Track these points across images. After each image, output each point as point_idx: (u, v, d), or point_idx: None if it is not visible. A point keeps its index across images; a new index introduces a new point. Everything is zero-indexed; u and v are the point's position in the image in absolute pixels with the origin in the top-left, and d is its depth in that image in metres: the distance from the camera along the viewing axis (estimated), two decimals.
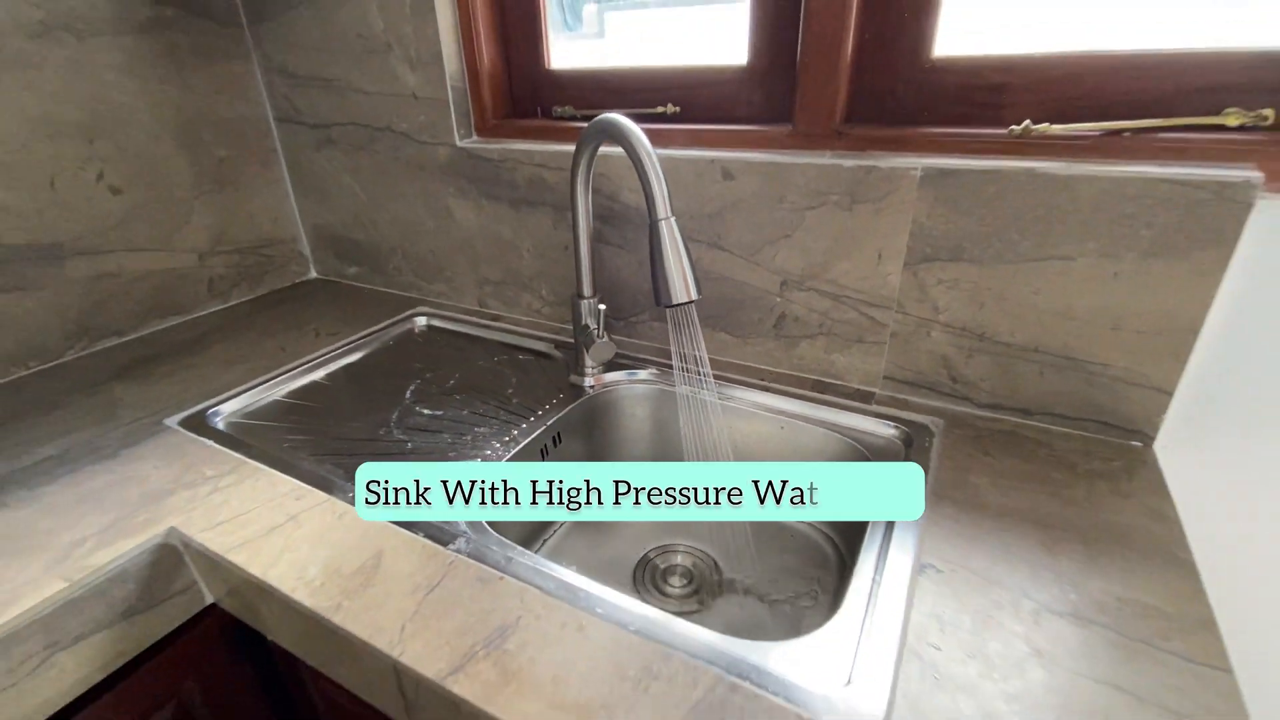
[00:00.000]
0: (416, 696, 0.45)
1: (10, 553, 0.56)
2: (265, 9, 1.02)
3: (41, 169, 0.86)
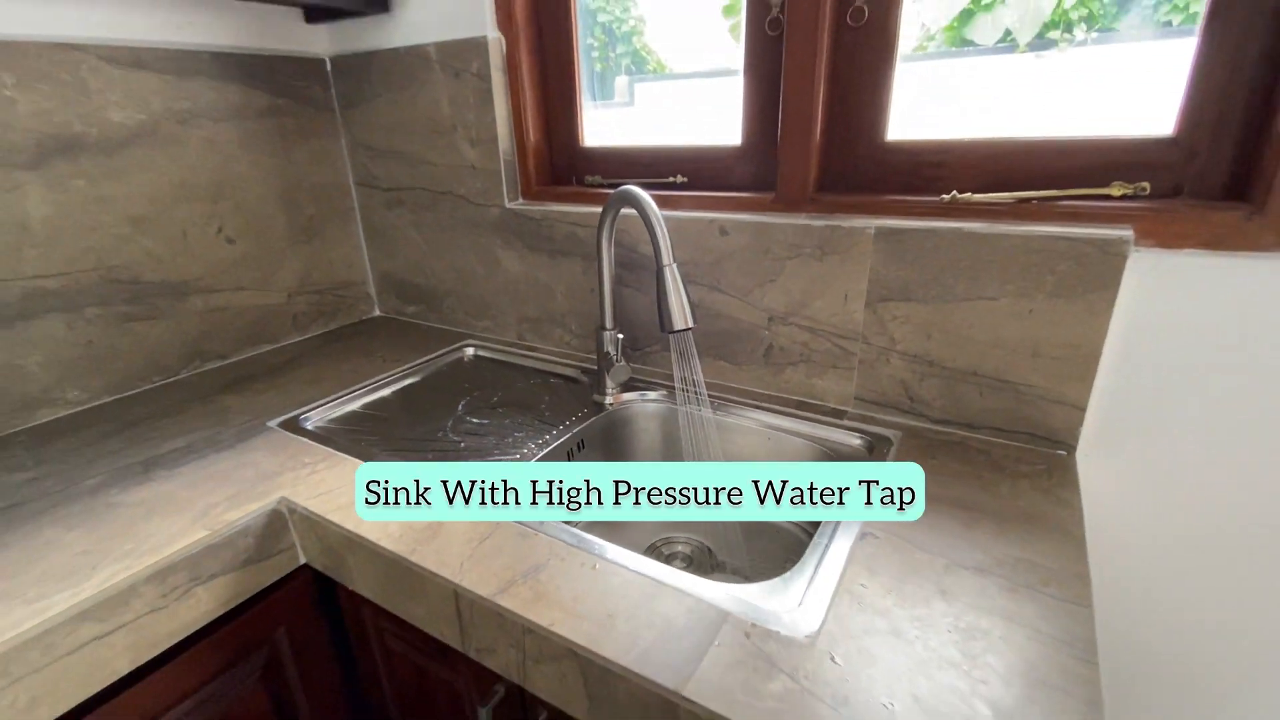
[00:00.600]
0: (471, 615, 0.60)
1: (164, 512, 0.73)
2: (354, 97, 1.26)
3: (178, 224, 1.08)
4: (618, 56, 2.21)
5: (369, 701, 0.88)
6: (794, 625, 0.53)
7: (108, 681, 0.63)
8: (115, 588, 0.62)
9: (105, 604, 0.61)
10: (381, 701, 0.86)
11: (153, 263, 1.06)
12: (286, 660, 0.81)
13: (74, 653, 0.59)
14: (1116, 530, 0.80)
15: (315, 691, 0.84)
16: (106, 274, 1.01)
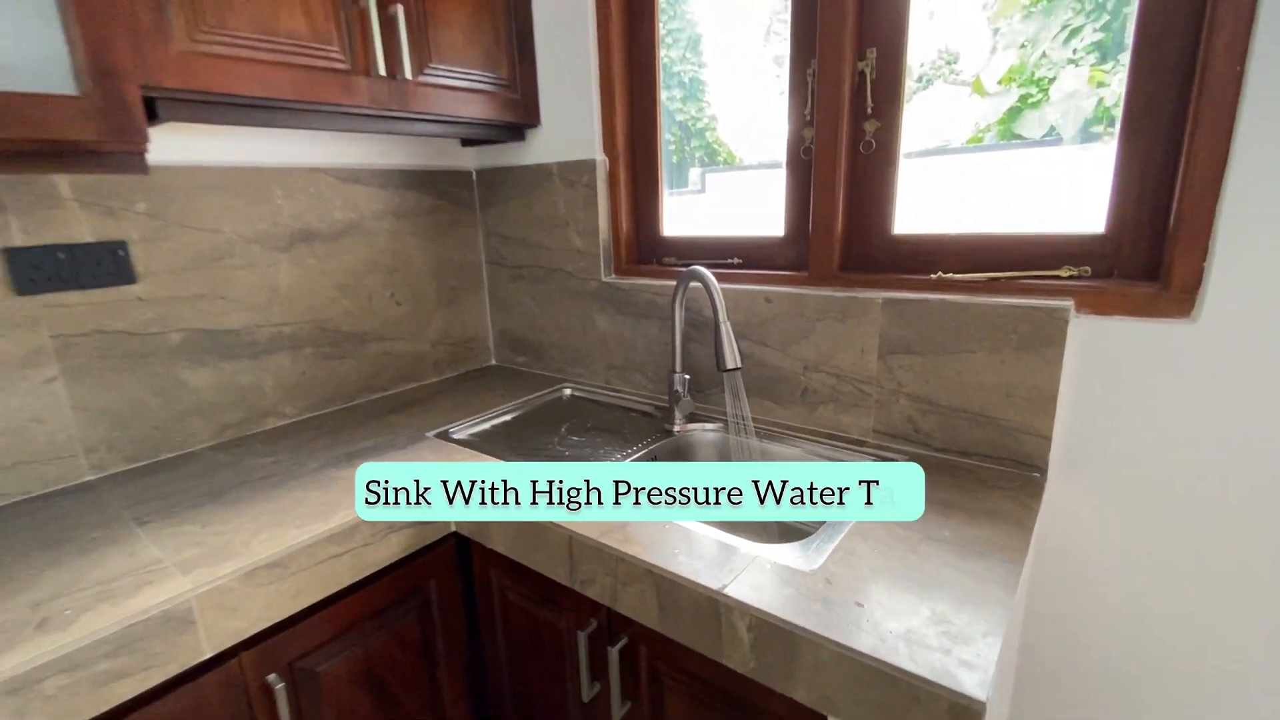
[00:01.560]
0: (579, 554, 0.87)
1: (354, 493, 1.05)
2: (492, 199, 1.66)
3: (366, 290, 1.48)
4: (692, 149, 2.61)
5: (484, 643, 1.15)
6: (803, 564, 0.78)
7: (336, 588, 0.93)
8: (347, 525, 0.93)
9: (340, 535, 0.93)
10: (494, 643, 1.12)
11: (348, 318, 1.46)
12: (432, 605, 1.09)
13: (321, 563, 0.91)
14: (1082, 536, 0.99)
15: (448, 631, 1.12)
16: (318, 325, 1.40)
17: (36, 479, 1.06)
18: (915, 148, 1.13)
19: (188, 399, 1.22)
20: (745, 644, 0.72)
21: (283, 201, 1.32)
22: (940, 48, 1.47)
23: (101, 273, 1.08)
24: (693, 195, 2.04)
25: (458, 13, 1.28)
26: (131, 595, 0.77)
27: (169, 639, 0.76)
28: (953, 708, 0.58)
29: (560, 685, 1.02)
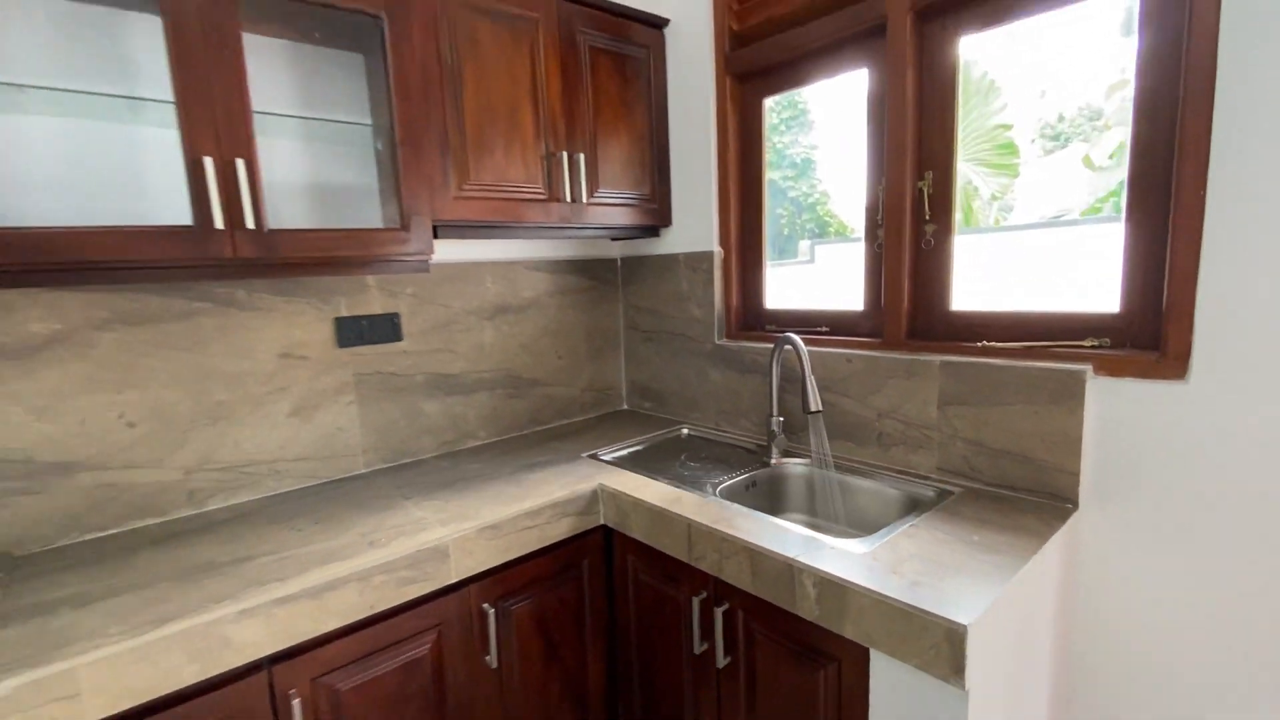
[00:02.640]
0: (696, 536, 1.23)
1: (543, 483, 1.48)
2: (630, 280, 2.13)
3: (540, 349, 1.98)
4: (803, 222, 2.97)
5: (618, 611, 1.51)
6: (858, 549, 1.08)
7: (526, 550, 1.35)
8: (537, 507, 1.36)
9: (530, 514, 1.35)
10: (626, 611, 1.48)
11: (526, 368, 1.95)
12: (584, 578, 1.48)
13: (520, 531, 1.33)
14: (1113, 559, 1.19)
15: (594, 600, 1.49)
16: (507, 373, 1.91)
17: (338, 468, 1.60)
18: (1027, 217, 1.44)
19: (423, 422, 1.74)
20: (811, 597, 1.03)
21: (490, 285, 1.85)
22: (1048, 121, 1.79)
23: (384, 334, 1.64)
24: (801, 265, 2.38)
25: (618, 152, 1.78)
26: (413, 535, 1.22)
27: (435, 564, 1.20)
28: (948, 632, 0.86)
29: (676, 644, 1.36)
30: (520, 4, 1.52)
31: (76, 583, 1.08)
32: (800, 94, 1.87)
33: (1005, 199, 2.16)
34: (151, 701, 0.93)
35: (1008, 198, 2.14)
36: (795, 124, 2.47)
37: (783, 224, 2.48)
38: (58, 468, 1.25)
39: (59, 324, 1.23)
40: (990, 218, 2.13)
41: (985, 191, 2.24)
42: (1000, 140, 2.20)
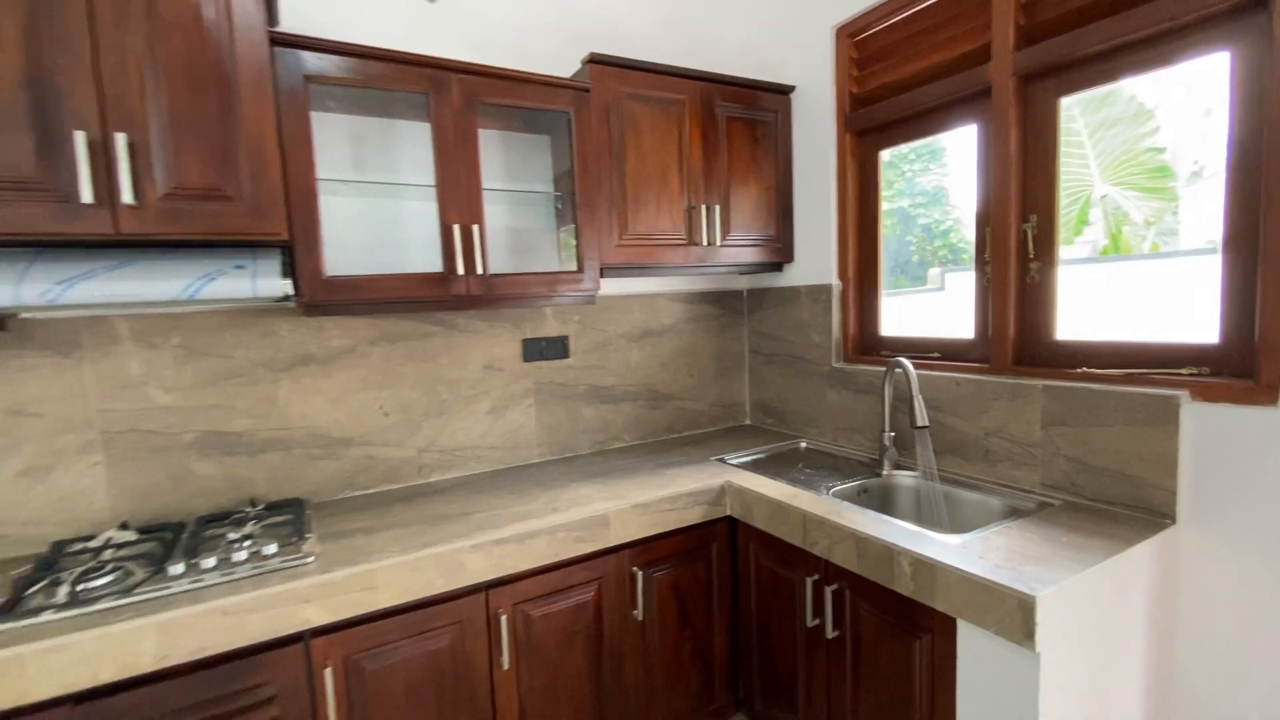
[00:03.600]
0: (810, 525, 1.47)
1: (679, 477, 1.79)
2: (755, 309, 2.42)
3: (674, 367, 2.31)
4: (935, 249, 3.08)
5: (740, 591, 1.77)
6: (952, 541, 1.28)
7: (666, 528, 1.66)
8: (675, 494, 1.67)
9: (671, 498, 1.66)
10: (748, 591, 1.73)
11: (664, 384, 2.29)
12: (713, 560, 1.76)
13: (662, 512, 1.65)
14: (1210, 577, 1.28)
15: (720, 580, 1.77)
16: (648, 387, 2.26)
17: (518, 456, 2.02)
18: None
19: (582, 424, 2.13)
20: (907, 574, 1.24)
21: (637, 313, 2.22)
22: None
23: (557, 352, 2.06)
24: (933, 293, 2.52)
25: (747, 200, 2.09)
26: (584, 506, 1.58)
27: (599, 529, 1.55)
28: (1020, 601, 1.05)
29: (790, 618, 1.60)
30: (671, 89, 1.89)
31: (361, 521, 1.55)
32: None
33: (1163, 222, 2.16)
34: (417, 600, 1.34)
35: (1166, 221, 2.14)
36: (927, 153, 2.63)
37: (912, 251, 2.62)
38: (341, 442, 1.76)
39: (349, 341, 1.75)
40: (1146, 243, 2.15)
41: (1137, 216, 2.27)
42: (1152, 164, 2.23)
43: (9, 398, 1.41)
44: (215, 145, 1.24)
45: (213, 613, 1.14)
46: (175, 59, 1.20)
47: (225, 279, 1.23)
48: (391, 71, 1.49)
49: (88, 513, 1.49)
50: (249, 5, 1.25)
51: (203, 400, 1.59)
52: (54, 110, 1.12)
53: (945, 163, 2.71)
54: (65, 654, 1.05)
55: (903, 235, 2.09)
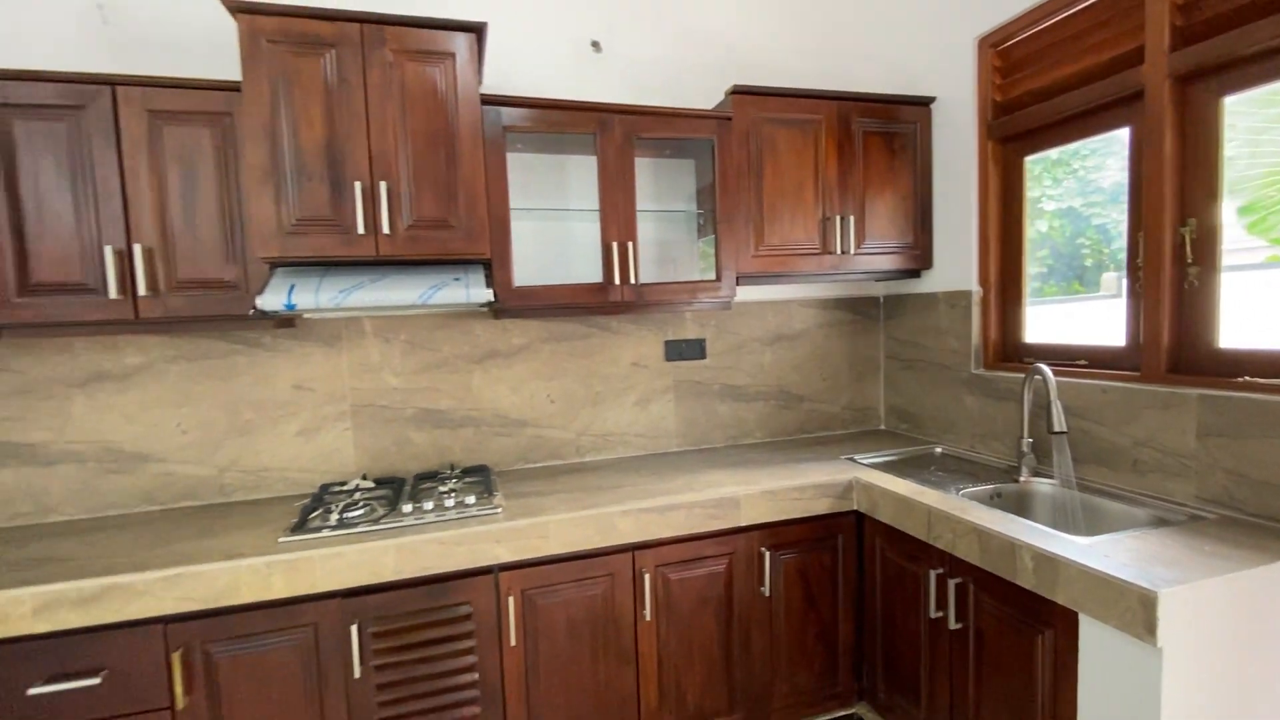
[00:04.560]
0: (934, 520, 1.55)
1: (808, 471, 1.92)
2: (892, 314, 2.46)
3: (806, 370, 2.43)
4: (1113, 252, 2.91)
5: (865, 582, 1.86)
6: (1079, 540, 1.30)
7: (793, 515, 1.80)
8: (803, 485, 1.81)
9: (800, 488, 1.80)
10: (873, 583, 1.82)
11: (795, 385, 2.42)
12: (839, 550, 1.87)
13: (789, 500, 1.79)
14: None
15: (846, 570, 1.87)
16: (779, 388, 2.40)
17: (658, 446, 2.27)
18: None
19: (716, 419, 2.33)
20: (1029, 569, 1.29)
21: (770, 318, 2.38)
22: None
23: (694, 353, 2.28)
24: (1104, 300, 2.39)
25: (883, 210, 2.17)
26: (717, 488, 1.78)
27: (730, 510, 1.74)
28: (1141, 596, 1.08)
29: (914, 610, 1.67)
30: (807, 110, 2.04)
31: (533, 486, 1.88)
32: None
33: None
34: (578, 551, 1.62)
35: None
36: (1104, 148, 2.51)
37: (1085, 254, 2.49)
38: (517, 423, 2.12)
39: (526, 339, 2.11)
40: None
41: None
42: None
43: (294, 376, 1.91)
44: (442, 187, 1.63)
45: (431, 542, 1.50)
46: (418, 124, 1.60)
47: (447, 289, 1.60)
48: (567, 117, 1.81)
49: (340, 465, 1.96)
50: (469, 77, 1.63)
51: (419, 384, 2.02)
52: (341, 167, 1.56)
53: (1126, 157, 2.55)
54: (338, 560, 1.45)
55: (1073, 237, 2.01)
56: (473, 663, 1.56)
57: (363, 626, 1.47)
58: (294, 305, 1.50)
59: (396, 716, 1.50)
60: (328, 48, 1.53)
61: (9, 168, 1.48)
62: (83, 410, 1.76)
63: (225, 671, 1.40)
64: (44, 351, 1.73)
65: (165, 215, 1.56)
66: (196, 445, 1.84)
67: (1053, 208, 2.10)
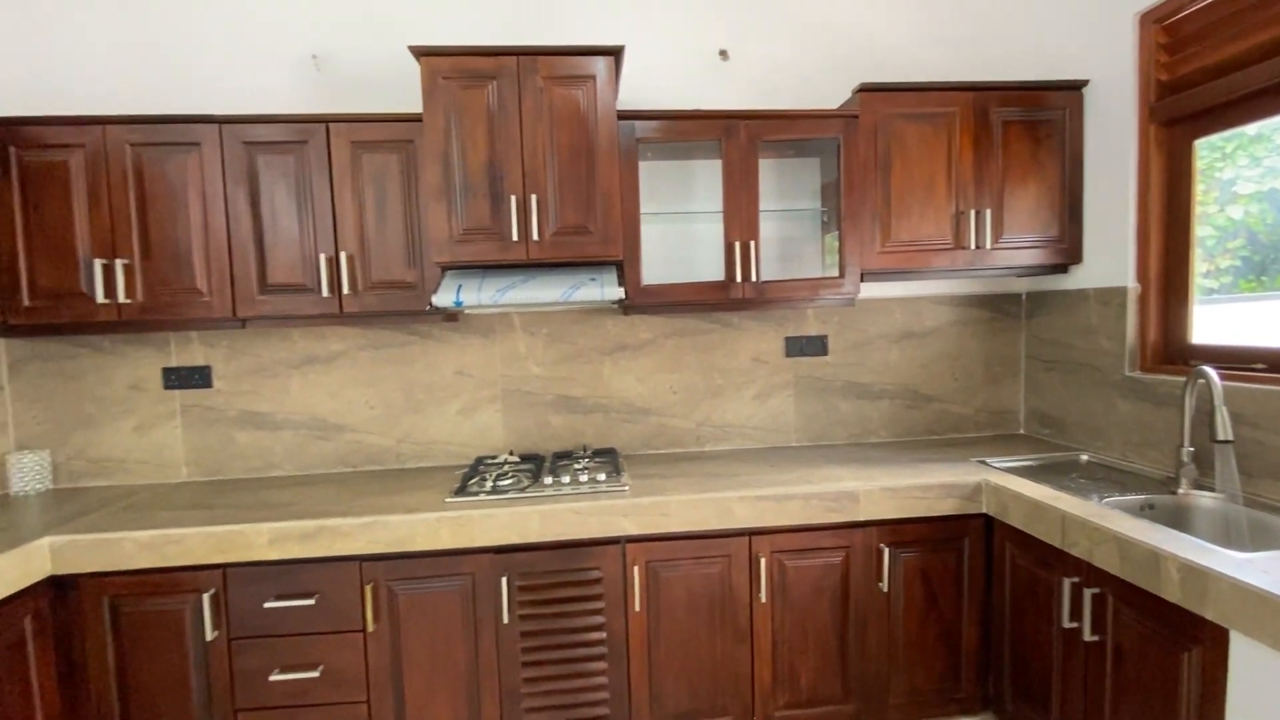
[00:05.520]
0: (1069, 526, 1.48)
1: (933, 471, 1.89)
2: (1035, 312, 2.32)
3: (936, 369, 2.36)
4: None
5: (992, 589, 1.80)
6: (1234, 555, 1.20)
7: (915, 514, 1.79)
8: (927, 484, 1.79)
9: (923, 487, 1.78)
10: (1001, 590, 1.76)
11: (923, 385, 2.37)
12: (964, 552, 1.83)
13: (913, 499, 1.78)
14: None
15: (973, 574, 1.83)
16: (906, 387, 2.36)
17: (776, 440, 2.33)
18: None
19: (837, 416, 2.34)
20: (1175, 581, 1.22)
21: (897, 315, 2.34)
22: None
23: (816, 349, 2.31)
24: None
25: (1025, 202, 2.06)
26: (835, 482, 1.81)
27: (848, 503, 1.77)
28: None
29: (1046, 619, 1.60)
30: (940, 103, 2.00)
31: (656, 469, 2.03)
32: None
33: None
34: (697, 531, 1.74)
35: None
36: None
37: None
38: (642, 411, 2.28)
39: (651, 334, 2.27)
40: None
41: None
42: None
43: (457, 363, 2.21)
44: (582, 197, 1.82)
45: (568, 511, 1.69)
46: (563, 141, 1.80)
47: (585, 288, 1.79)
48: (694, 126, 1.93)
49: (491, 441, 2.24)
50: (608, 96, 1.80)
51: (558, 373, 2.25)
52: (499, 183, 1.79)
53: None
54: (491, 521, 1.68)
55: (1276, 224, 1.78)
56: (601, 623, 1.73)
57: (511, 580, 1.70)
58: (461, 302, 1.76)
59: (536, 661, 1.72)
60: (490, 80, 1.77)
61: (254, 193, 1.87)
62: (298, 387, 2.17)
63: (403, 605, 1.69)
64: (271, 339, 2.16)
65: (362, 228, 1.89)
66: (380, 419, 2.20)
67: (1250, 190, 1.88)
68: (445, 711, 1.71)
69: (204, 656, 1.65)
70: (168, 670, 1.65)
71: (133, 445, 2.14)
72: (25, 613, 1.53)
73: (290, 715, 1.68)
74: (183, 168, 1.85)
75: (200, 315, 1.88)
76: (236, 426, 2.16)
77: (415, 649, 1.69)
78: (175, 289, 1.86)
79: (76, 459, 2.13)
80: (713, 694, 1.79)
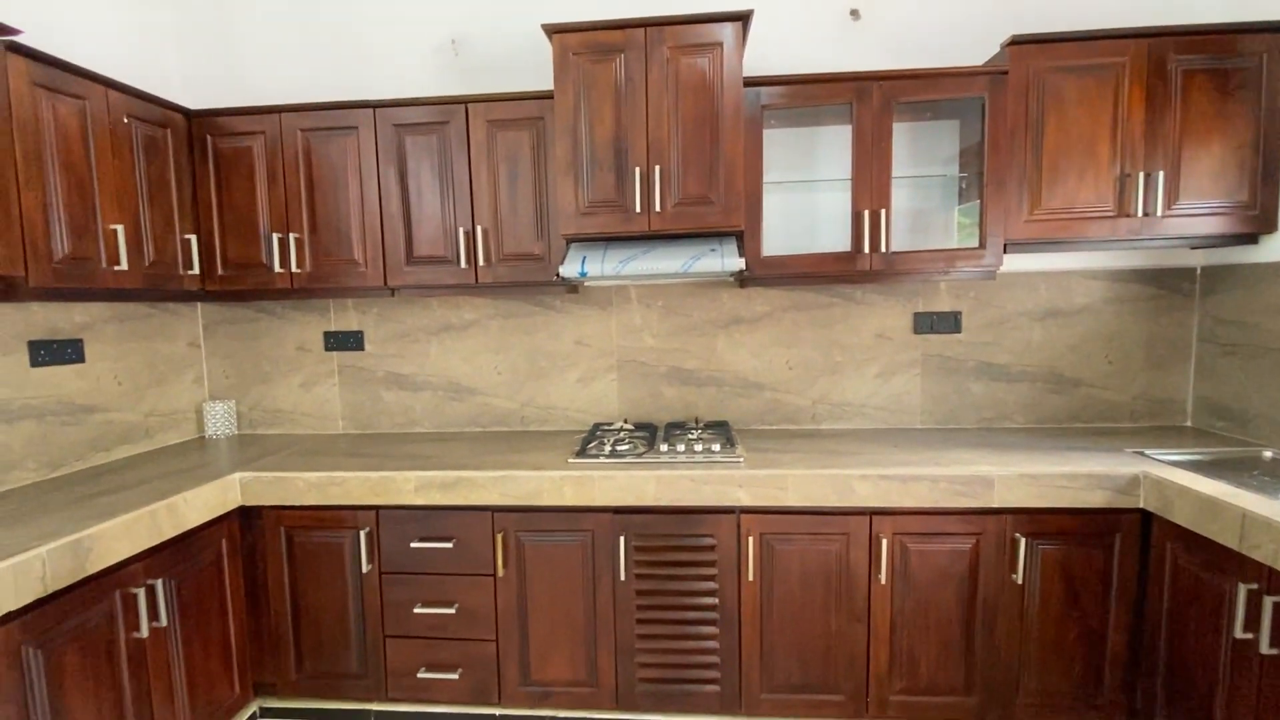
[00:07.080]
0: (1250, 527, 1.31)
1: (1081, 460, 1.73)
2: (1213, 289, 2.04)
3: (1086, 350, 2.15)
4: None
5: (1148, 593, 1.63)
6: None
7: (1058, 504, 1.65)
8: (1073, 472, 1.64)
9: (1069, 475, 1.64)
10: (1157, 592, 1.60)
11: (1070, 367, 2.16)
12: (1116, 550, 1.67)
13: (1057, 488, 1.65)
14: None
15: (1123, 577, 1.67)
16: (1049, 370, 2.17)
17: (899, 421, 2.23)
18: None
19: (969, 398, 2.20)
20: None
21: (1042, 291, 2.15)
22: None
23: (947, 326, 2.18)
24: None
25: (1206, 163, 1.81)
26: (965, 466, 1.71)
27: (981, 488, 1.66)
28: None
29: (1213, 629, 1.43)
30: (1106, 53, 1.79)
31: (770, 444, 2.02)
32: None
33: None
34: (815, 506, 1.72)
35: None
36: None
37: None
38: (755, 385, 2.27)
39: (768, 307, 2.23)
40: None
41: None
42: None
43: (576, 333, 2.30)
44: (705, 167, 1.82)
45: (683, 478, 1.73)
46: (688, 111, 1.80)
47: (706, 258, 1.80)
48: (823, 90, 1.86)
49: (607, 409, 2.32)
50: (734, 63, 1.78)
51: (671, 345, 2.28)
52: (624, 156, 1.83)
53: None
54: (610, 483, 1.75)
55: None
56: (714, 589, 1.76)
57: (628, 539, 1.76)
58: (586, 273, 1.83)
59: (650, 620, 1.79)
60: (618, 53, 1.80)
61: (402, 172, 2.03)
62: (436, 352, 2.36)
63: (530, 555, 1.81)
64: (414, 307, 2.35)
65: (496, 202, 2.00)
66: (507, 385, 2.35)
67: None
68: (564, 658, 1.83)
69: (360, 586, 1.87)
70: (331, 595, 1.88)
71: (299, 399, 2.43)
72: (221, 535, 1.80)
73: (429, 645, 1.86)
74: (343, 150, 2.04)
75: (356, 284, 2.08)
76: (383, 386, 2.39)
77: (539, 596, 1.81)
78: (336, 260, 2.08)
79: (255, 409, 2.45)
80: (825, 670, 1.77)
